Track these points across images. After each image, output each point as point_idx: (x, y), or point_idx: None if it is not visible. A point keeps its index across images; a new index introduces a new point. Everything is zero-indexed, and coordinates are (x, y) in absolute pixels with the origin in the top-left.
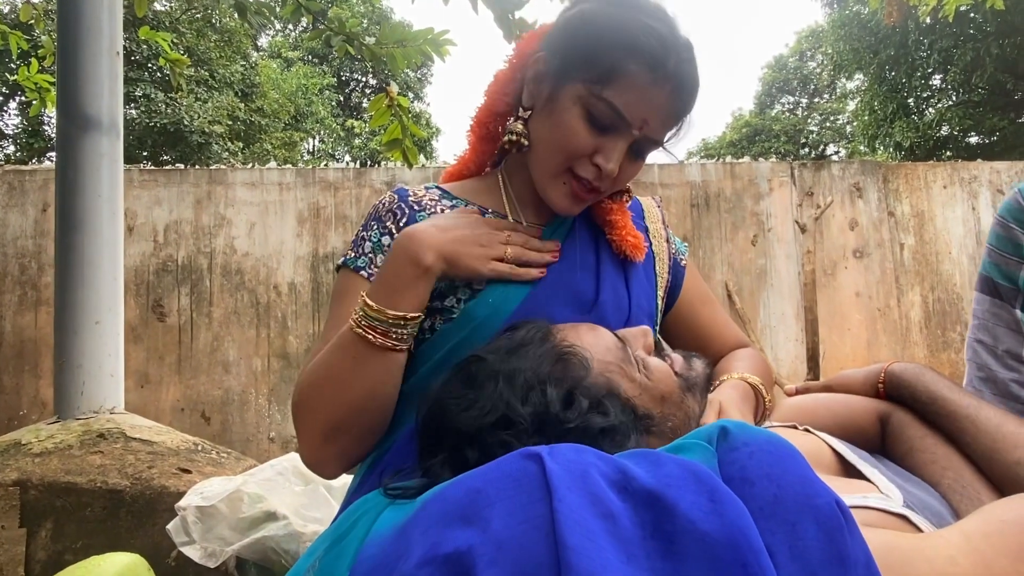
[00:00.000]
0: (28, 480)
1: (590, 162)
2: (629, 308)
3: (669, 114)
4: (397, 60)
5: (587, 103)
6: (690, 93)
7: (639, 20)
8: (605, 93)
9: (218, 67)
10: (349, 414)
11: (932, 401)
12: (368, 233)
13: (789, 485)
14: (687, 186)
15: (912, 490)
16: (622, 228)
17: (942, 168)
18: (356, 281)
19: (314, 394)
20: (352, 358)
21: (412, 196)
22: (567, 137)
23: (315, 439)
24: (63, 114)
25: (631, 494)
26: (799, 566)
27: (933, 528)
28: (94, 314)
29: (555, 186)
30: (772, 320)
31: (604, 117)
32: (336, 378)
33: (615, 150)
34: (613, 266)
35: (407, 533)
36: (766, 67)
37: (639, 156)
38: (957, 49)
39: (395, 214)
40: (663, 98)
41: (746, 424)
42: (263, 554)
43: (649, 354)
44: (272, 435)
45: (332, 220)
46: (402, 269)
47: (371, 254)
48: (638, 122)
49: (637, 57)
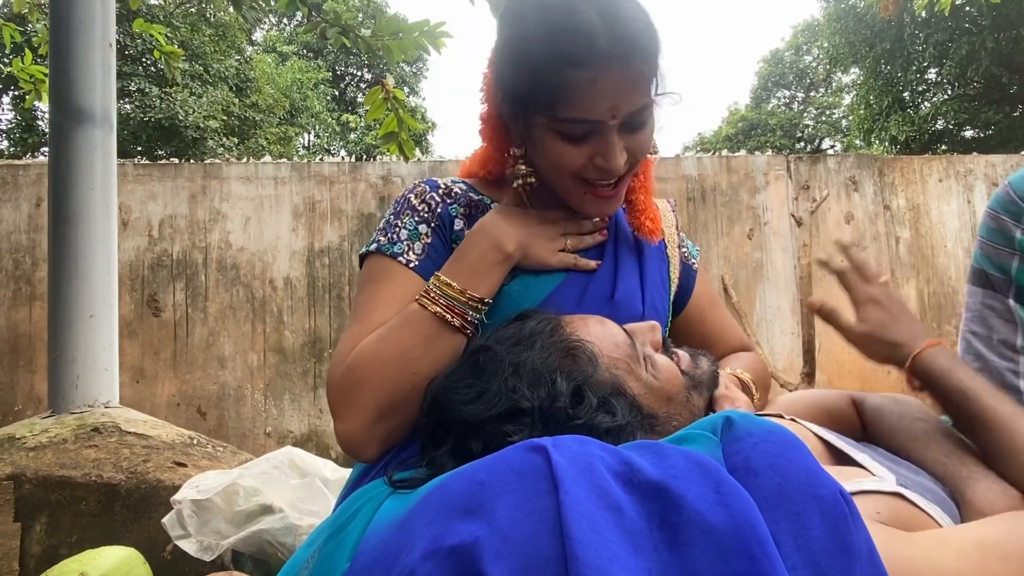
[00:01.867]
0: (22, 474)
1: (593, 167)
2: (643, 306)
3: (633, 84)
4: (393, 52)
5: (555, 128)
6: (642, 50)
7: (554, 25)
8: (562, 113)
9: (212, 62)
10: (412, 393)
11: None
12: (401, 221)
13: (793, 476)
14: (683, 180)
15: (903, 471)
16: (642, 211)
17: (938, 161)
18: (392, 266)
19: (380, 370)
20: (425, 336)
21: (442, 187)
22: (558, 162)
23: (368, 417)
24: (56, 106)
25: (636, 486)
26: (804, 556)
27: (928, 503)
28: (88, 307)
29: (578, 199)
30: (768, 314)
31: (576, 130)
32: (405, 355)
33: (607, 147)
34: (630, 266)
35: (409, 524)
36: (762, 61)
37: (637, 129)
38: (952, 43)
39: (429, 204)
40: (615, 78)
41: (750, 415)
42: (259, 547)
43: (657, 351)
44: (268, 430)
45: (327, 214)
46: (485, 254)
47: (408, 241)
48: (607, 114)
49: (567, 64)
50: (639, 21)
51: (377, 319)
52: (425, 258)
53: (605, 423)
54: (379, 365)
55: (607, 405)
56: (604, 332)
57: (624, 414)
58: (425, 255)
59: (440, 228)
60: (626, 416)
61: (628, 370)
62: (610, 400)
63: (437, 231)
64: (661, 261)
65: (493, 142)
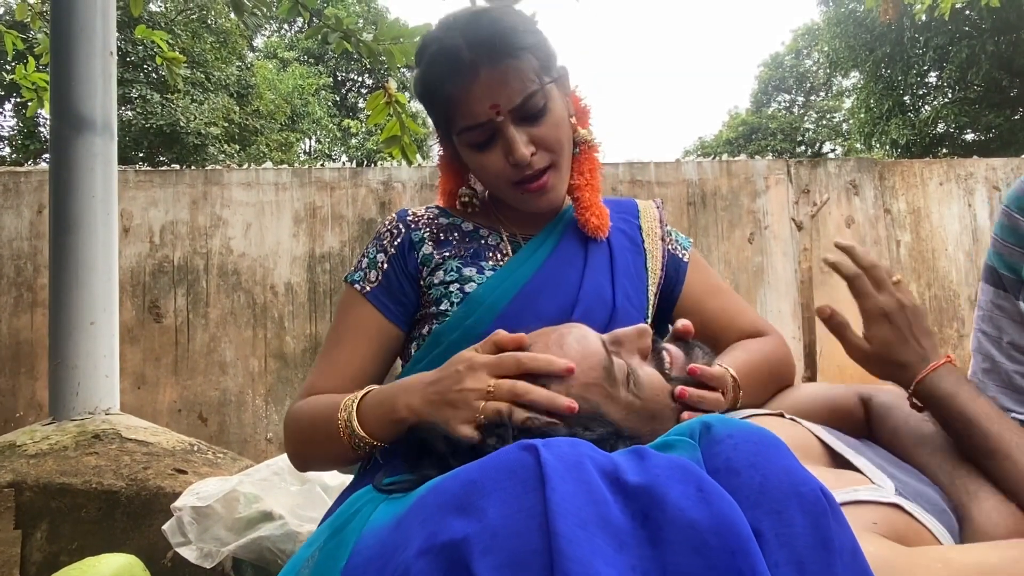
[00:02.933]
0: (23, 482)
1: (510, 167)
2: (614, 301)
3: (505, 80)
4: (395, 56)
5: (463, 141)
6: (505, 48)
7: (429, 58)
8: (459, 124)
9: (214, 69)
10: (322, 464)
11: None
12: (368, 251)
13: (774, 474)
14: (683, 184)
15: (903, 478)
16: (587, 208)
17: (938, 165)
18: (353, 295)
19: (300, 436)
20: (327, 435)
21: (410, 216)
22: (481, 171)
23: (290, 452)
24: (56, 114)
25: (622, 485)
26: (787, 552)
27: (926, 515)
28: (89, 314)
29: (516, 199)
30: (769, 318)
31: (477, 137)
32: (314, 436)
33: (509, 143)
34: (599, 262)
35: (405, 524)
36: (762, 65)
37: (534, 118)
38: (953, 46)
39: (392, 233)
40: (484, 79)
41: (727, 418)
42: (259, 554)
43: (645, 358)
44: (270, 435)
45: (328, 220)
46: (387, 411)
47: (366, 270)
48: (490, 112)
49: (444, 83)
50: (498, 24)
51: (336, 357)
52: (377, 285)
53: (586, 437)
54: (299, 433)
55: (584, 422)
56: (582, 352)
57: (602, 432)
58: (377, 283)
59: (399, 256)
60: (605, 432)
61: (605, 395)
62: (587, 421)
63: (394, 260)
64: (636, 255)
65: (446, 171)
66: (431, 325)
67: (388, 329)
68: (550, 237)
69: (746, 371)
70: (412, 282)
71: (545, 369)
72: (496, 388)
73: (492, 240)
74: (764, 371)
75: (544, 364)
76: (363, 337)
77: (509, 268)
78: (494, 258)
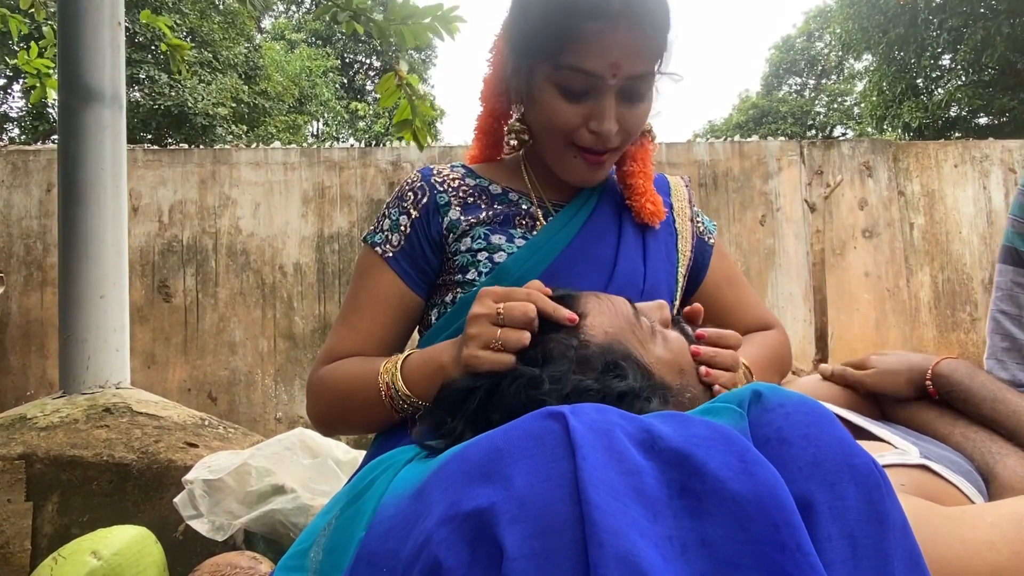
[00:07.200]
0: (34, 454)
1: (587, 130)
2: (644, 280)
3: (638, 47)
4: (405, 37)
5: (556, 79)
6: (652, 17)
7: None
8: (565, 60)
9: (221, 49)
10: (347, 421)
11: (993, 400)
12: (389, 211)
13: (827, 446)
14: (694, 165)
15: (926, 445)
16: (642, 194)
17: (953, 147)
18: (372, 258)
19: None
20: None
21: (435, 175)
22: (553, 118)
23: (316, 419)
24: (65, 87)
25: (657, 453)
26: (839, 526)
27: (955, 475)
28: (99, 288)
29: (567, 163)
30: (780, 300)
31: (576, 83)
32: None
33: (603, 109)
34: (633, 239)
35: (427, 492)
36: (773, 48)
37: (634, 100)
38: (967, 28)
39: (416, 194)
40: (622, 36)
41: (779, 387)
42: (271, 527)
43: (666, 327)
44: (279, 415)
45: (337, 200)
46: (434, 371)
47: (388, 232)
48: (608, 71)
49: (577, 12)
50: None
51: (356, 323)
52: (399, 250)
53: (618, 388)
54: (331, 398)
55: (617, 368)
56: (610, 304)
57: (636, 377)
58: (400, 248)
59: (423, 220)
60: (639, 380)
61: (635, 339)
62: (620, 363)
63: (417, 223)
64: (669, 235)
65: (490, 102)
66: (455, 293)
67: (410, 298)
68: (583, 208)
69: (759, 365)
70: (436, 248)
71: (552, 314)
72: (506, 311)
73: (523, 204)
74: (770, 365)
75: (551, 309)
76: (384, 304)
77: (540, 240)
78: (524, 225)
